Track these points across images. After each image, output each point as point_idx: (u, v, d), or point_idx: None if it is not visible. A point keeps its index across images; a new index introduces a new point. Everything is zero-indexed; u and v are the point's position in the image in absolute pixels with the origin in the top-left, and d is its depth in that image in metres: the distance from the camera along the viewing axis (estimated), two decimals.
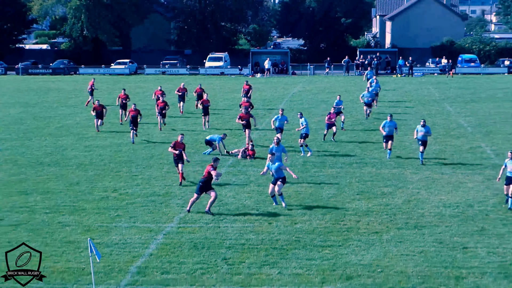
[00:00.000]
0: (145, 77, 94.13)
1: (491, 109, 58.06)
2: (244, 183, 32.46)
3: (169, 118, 49.63)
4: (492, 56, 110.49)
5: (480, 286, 20.00)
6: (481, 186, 31.56)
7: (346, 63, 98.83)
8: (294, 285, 20.06)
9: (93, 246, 17.80)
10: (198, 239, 24.14)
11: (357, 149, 40.28)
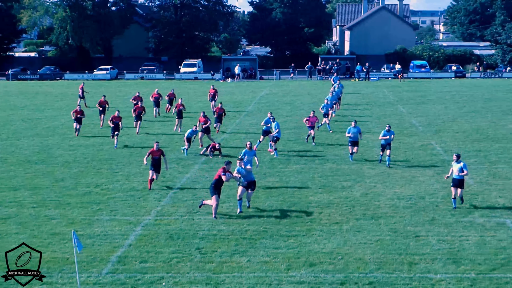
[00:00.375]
0: (125, 82, 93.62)
1: (440, 110, 58.30)
2: None
3: (144, 122, 48.88)
4: (441, 62, 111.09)
5: (430, 271, 19.98)
6: (432, 180, 31.60)
7: (309, 68, 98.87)
8: (262, 272, 19.93)
9: (76, 238, 17.53)
10: (173, 231, 23.95)
11: (319, 147, 40.22)
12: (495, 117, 53.43)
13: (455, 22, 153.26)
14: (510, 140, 42.53)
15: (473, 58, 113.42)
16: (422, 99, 67.71)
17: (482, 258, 21.00)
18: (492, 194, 29.02)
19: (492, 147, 39.94)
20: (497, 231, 23.80)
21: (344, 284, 18.96)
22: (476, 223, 24.78)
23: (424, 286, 18.81)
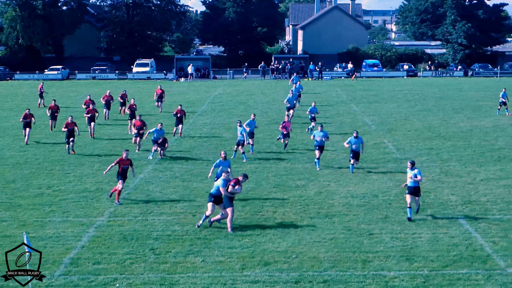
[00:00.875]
0: (77, 82, 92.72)
1: (392, 108, 58.84)
2: (170, 178, 32.17)
3: (96, 125, 48.01)
4: (393, 61, 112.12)
5: (384, 268, 20.16)
6: (385, 178, 31.89)
7: (262, 68, 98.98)
8: (216, 272, 19.92)
9: (27, 240, 17.32)
10: (127, 231, 23.82)
11: (273, 146, 40.32)
12: (446, 115, 54.11)
13: (407, 21, 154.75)
14: (461, 138, 43.12)
15: (424, 57, 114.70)
16: (375, 98, 68.28)
17: (435, 255, 21.26)
18: (444, 191, 29.39)
19: (444, 145, 40.45)
20: (449, 228, 24.11)
21: (299, 283, 19.04)
22: (428, 220, 25.07)
23: (378, 283, 18.98)
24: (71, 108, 58.59)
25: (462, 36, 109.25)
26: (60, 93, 72.00)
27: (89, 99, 49.65)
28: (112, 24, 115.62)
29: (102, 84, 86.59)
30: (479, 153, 38.07)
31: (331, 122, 50.31)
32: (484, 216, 25.53)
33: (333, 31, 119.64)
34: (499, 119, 51.25)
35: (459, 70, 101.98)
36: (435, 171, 33.43)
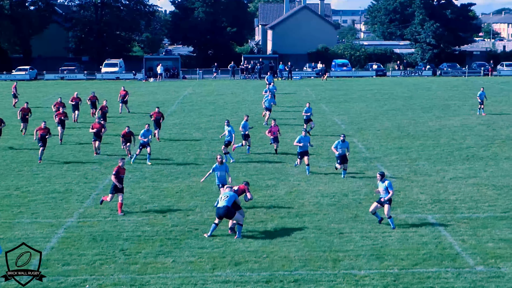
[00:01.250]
0: (45, 82, 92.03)
1: (362, 108, 59.13)
2: (139, 179, 32.05)
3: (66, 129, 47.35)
4: (362, 60, 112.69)
5: (354, 267, 20.25)
6: (355, 177, 32.01)
7: (232, 68, 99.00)
8: (187, 272, 19.88)
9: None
10: (97, 232, 23.69)
11: (243, 146, 40.26)
12: (415, 114, 54.47)
13: (376, 21, 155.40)
14: (430, 137, 43.43)
15: (393, 57, 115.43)
16: (344, 97, 68.54)
17: (405, 253, 21.39)
18: (414, 190, 29.59)
19: (413, 144, 40.71)
20: (419, 227, 24.27)
21: (270, 282, 19.06)
22: (398, 219, 25.21)
23: (348, 282, 19.06)
24: (39, 108, 58.16)
25: (431, 35, 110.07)
26: (28, 93, 71.41)
27: (60, 101, 48.69)
28: (80, 24, 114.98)
29: (70, 85, 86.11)
30: (447, 152, 38.38)
31: (301, 122, 50.38)
32: (453, 215, 25.73)
33: (302, 31, 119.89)
34: (467, 118, 51.68)
35: (427, 69, 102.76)
36: (404, 170, 33.64)
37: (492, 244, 22.29)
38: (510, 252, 21.39)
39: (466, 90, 76.39)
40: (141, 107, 60.93)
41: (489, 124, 48.84)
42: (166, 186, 30.62)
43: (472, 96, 68.23)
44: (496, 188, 29.85)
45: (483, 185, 30.36)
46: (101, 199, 27.09)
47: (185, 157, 37.06)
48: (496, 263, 20.52)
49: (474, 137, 43.15)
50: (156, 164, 35.48)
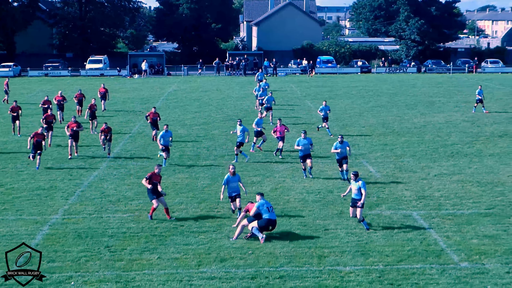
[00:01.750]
0: (29, 79, 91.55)
1: (347, 104, 59.27)
2: (124, 175, 32.03)
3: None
4: (347, 57, 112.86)
5: (340, 263, 20.33)
6: (340, 174, 32.08)
7: (217, 64, 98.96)
8: (172, 269, 19.91)
9: None
10: (82, 229, 23.66)
11: (228, 143, 40.34)
12: (400, 111, 54.66)
13: (360, 18, 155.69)
14: (415, 134, 43.61)
15: (378, 54, 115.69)
16: (329, 94, 68.65)
17: (390, 249, 21.49)
18: (398, 187, 29.72)
19: (398, 141, 40.87)
20: (403, 223, 24.39)
21: (255, 279, 19.11)
22: (383, 215, 25.33)
23: (334, 278, 19.14)
24: (24, 105, 57.81)
25: (415, 32, 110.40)
26: (12, 90, 70.93)
27: (47, 99, 47.48)
28: (65, 20, 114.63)
29: (54, 81, 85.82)
30: (432, 148, 38.55)
31: (286, 118, 50.42)
32: (437, 211, 25.87)
33: (287, 28, 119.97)
34: (451, 115, 51.91)
35: (412, 66, 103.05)
36: (389, 167, 33.78)
37: (477, 240, 22.43)
38: (494, 249, 21.54)
39: (451, 87, 76.69)
40: (125, 104, 60.81)
41: (474, 121, 49.08)
42: None
43: (457, 93, 68.58)
44: (481, 184, 30.03)
45: (467, 182, 30.53)
46: (149, 215, 24.96)
47: (172, 152, 37.01)
48: (481, 259, 20.66)
49: (459, 134, 43.36)
50: (141, 161, 35.45)
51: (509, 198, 27.60)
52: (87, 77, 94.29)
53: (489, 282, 18.80)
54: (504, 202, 26.96)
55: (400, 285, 18.64)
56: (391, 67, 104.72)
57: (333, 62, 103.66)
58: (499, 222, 24.35)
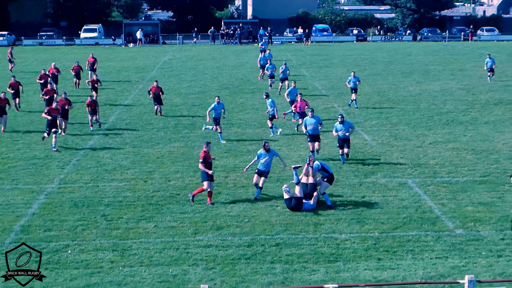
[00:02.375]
0: (23, 48, 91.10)
1: (342, 73, 59.12)
2: (120, 145, 32.00)
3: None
4: (342, 25, 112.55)
5: (335, 231, 20.40)
6: (335, 141, 31.91)
7: (212, 33, 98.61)
8: (169, 237, 19.96)
9: None
10: (78, 198, 23.68)
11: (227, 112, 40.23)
12: (395, 79, 54.59)
13: None
14: (410, 102, 43.60)
15: (374, 22, 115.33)
16: (325, 62, 68.50)
17: (385, 217, 21.57)
18: (394, 155, 29.75)
19: (393, 109, 40.86)
20: (399, 191, 24.45)
21: (251, 246, 19.18)
22: (378, 183, 25.38)
23: (329, 246, 19.21)
24: (18, 74, 57.64)
25: (411, 0, 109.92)
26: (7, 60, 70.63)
27: (44, 73, 44.87)
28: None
29: (49, 50, 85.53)
30: (427, 116, 38.56)
31: (282, 87, 50.33)
32: (432, 179, 25.94)
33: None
34: (447, 83, 51.86)
35: (408, 34, 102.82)
36: (384, 135, 33.80)
37: (471, 207, 22.52)
38: (489, 216, 21.63)
39: (446, 55, 76.55)
40: (120, 73, 60.63)
41: (469, 89, 49.05)
42: (147, 152, 30.61)
43: (452, 61, 68.49)
44: (476, 152, 30.09)
45: (462, 150, 30.58)
46: (191, 194, 23.49)
47: (165, 122, 37.00)
48: (475, 226, 20.75)
49: (454, 102, 43.35)
50: (137, 130, 35.41)
51: (504, 166, 27.67)
52: (82, 46, 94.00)
53: (484, 249, 18.90)
54: (499, 170, 27.03)
55: (396, 252, 18.74)
56: (386, 35, 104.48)
57: (328, 30, 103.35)
58: (493, 190, 24.43)
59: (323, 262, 18.07)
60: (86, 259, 18.32)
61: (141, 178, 26.22)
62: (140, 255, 18.61)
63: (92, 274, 17.32)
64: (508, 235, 19.63)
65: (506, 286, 14.50)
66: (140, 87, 50.84)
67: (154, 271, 17.51)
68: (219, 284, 16.73)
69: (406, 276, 17.15)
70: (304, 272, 17.46)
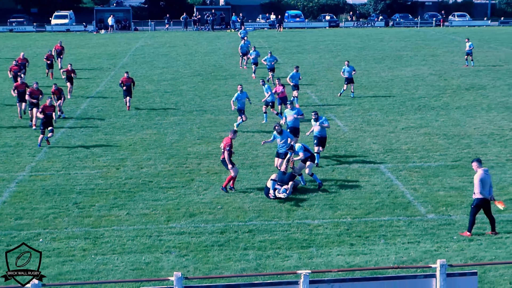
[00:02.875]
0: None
1: (315, 59, 59.18)
2: (92, 132, 31.80)
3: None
4: (315, 12, 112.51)
5: (308, 217, 20.43)
6: (308, 128, 32.01)
7: (184, 19, 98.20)
8: (141, 224, 19.89)
9: None
10: (49, 186, 23.51)
11: (196, 98, 40.20)
12: (368, 65, 54.72)
13: None
14: (382, 87, 43.73)
15: (346, 8, 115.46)
16: (298, 49, 68.51)
17: (358, 202, 21.63)
18: (366, 140, 29.85)
19: (366, 95, 40.96)
20: (371, 176, 24.54)
21: (224, 233, 19.16)
22: (351, 169, 25.45)
23: (302, 231, 19.24)
24: None
25: None
26: None
27: (15, 64, 43.00)
28: None
29: (19, 37, 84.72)
30: (400, 102, 38.71)
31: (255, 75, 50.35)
32: (405, 164, 26.05)
33: None
34: (419, 69, 52.08)
35: (380, 20, 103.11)
36: (357, 120, 33.88)
37: (443, 192, 22.65)
38: (460, 200, 21.77)
39: (418, 40, 76.85)
40: (92, 60, 60.20)
41: (441, 74, 49.29)
42: (119, 139, 30.45)
43: (424, 47, 68.78)
44: (447, 137, 30.26)
45: (434, 135, 30.75)
46: (225, 186, 23.02)
47: (138, 109, 36.82)
48: (447, 211, 20.88)
49: (426, 88, 43.55)
50: (109, 117, 35.21)
51: (475, 150, 27.86)
52: (53, 32, 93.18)
53: (455, 233, 19.02)
54: (470, 154, 27.20)
55: (368, 237, 18.81)
56: (359, 21, 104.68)
57: (301, 16, 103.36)
58: (465, 174, 24.58)
59: (296, 248, 18.09)
60: (58, 247, 18.20)
61: (113, 165, 26.09)
62: (113, 243, 18.52)
63: (64, 263, 17.22)
64: (479, 219, 19.78)
65: (477, 269, 14.60)
66: (112, 74, 50.54)
67: (127, 259, 17.45)
68: (192, 271, 16.70)
69: (379, 261, 17.23)
70: (277, 258, 17.48)
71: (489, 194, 18.56)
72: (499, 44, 71.88)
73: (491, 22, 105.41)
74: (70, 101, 38.68)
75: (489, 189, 18.61)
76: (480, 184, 18.39)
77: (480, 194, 18.45)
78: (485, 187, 18.45)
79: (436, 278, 12.60)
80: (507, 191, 22.65)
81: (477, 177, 18.48)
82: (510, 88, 43.13)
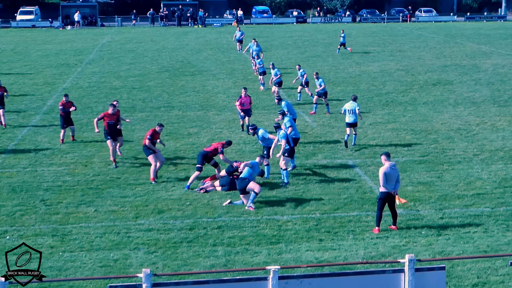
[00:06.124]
0: None
1: (282, 55, 59.27)
2: (59, 129, 31.48)
3: None
4: (282, 7, 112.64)
5: (277, 212, 20.45)
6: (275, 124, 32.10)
7: (151, 15, 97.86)
8: (110, 221, 19.79)
9: None
10: (16, 183, 23.31)
11: (164, 94, 40.07)
12: (336, 61, 54.90)
13: None
14: (350, 83, 43.90)
15: (313, 4, 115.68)
16: (265, 44, 68.44)
17: (327, 198, 21.70)
18: (334, 136, 29.95)
19: (334, 90, 41.09)
20: (339, 171, 24.63)
21: (193, 230, 19.13)
22: (319, 164, 25.52)
23: (271, 227, 19.26)
24: None
25: None
26: None
27: None
28: None
29: None
30: (367, 97, 38.88)
31: (222, 69, 50.26)
32: (373, 159, 26.17)
33: None
34: (386, 64, 52.35)
35: (347, 16, 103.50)
36: (325, 116, 33.99)
37: (411, 187, 22.79)
38: (428, 195, 21.93)
39: (385, 36, 77.27)
40: (58, 56, 59.74)
41: (408, 69, 49.60)
42: (86, 135, 30.26)
43: (391, 42, 69.18)
44: (415, 132, 30.47)
45: (402, 130, 30.94)
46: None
47: (104, 106, 36.55)
48: (415, 206, 21.02)
49: (393, 83, 43.80)
50: (75, 113, 34.92)
51: (443, 146, 28.08)
52: (18, 28, 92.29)
53: (424, 228, 19.16)
54: (438, 150, 27.43)
55: (337, 233, 18.88)
56: (326, 17, 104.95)
57: (268, 12, 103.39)
58: (432, 169, 24.77)
59: (265, 244, 18.12)
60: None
61: (81, 162, 25.93)
62: (81, 240, 18.42)
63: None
64: (446, 214, 19.94)
65: (445, 264, 14.72)
66: (79, 70, 50.20)
67: (95, 256, 17.36)
68: (161, 268, 16.66)
69: (348, 257, 17.31)
70: (247, 254, 17.50)
71: (394, 189, 18.65)
72: (466, 39, 72.50)
73: (457, 18, 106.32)
74: (37, 97, 38.31)
75: (395, 184, 18.69)
76: (384, 177, 18.49)
77: (383, 188, 18.60)
78: (389, 181, 18.55)
79: (404, 273, 12.66)
80: (474, 186, 22.87)
81: (382, 170, 18.58)
82: (477, 83, 43.53)
